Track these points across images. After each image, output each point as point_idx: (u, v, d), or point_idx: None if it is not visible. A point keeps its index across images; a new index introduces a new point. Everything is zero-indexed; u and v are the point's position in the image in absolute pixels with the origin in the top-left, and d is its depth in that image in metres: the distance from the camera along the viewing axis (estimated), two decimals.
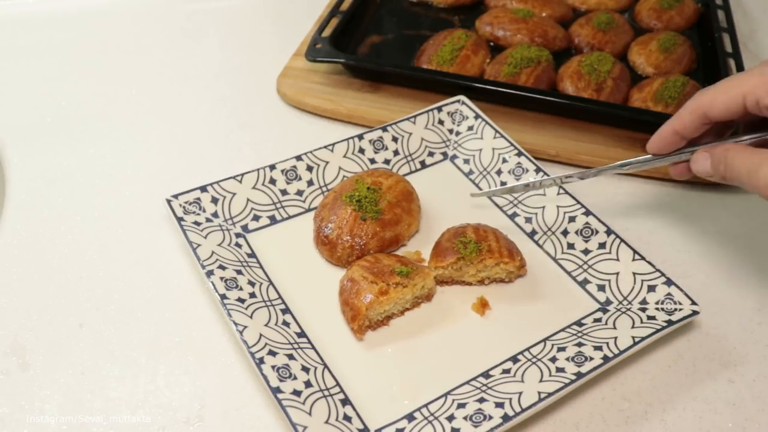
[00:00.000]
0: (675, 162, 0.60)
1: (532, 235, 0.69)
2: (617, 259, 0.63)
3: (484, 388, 0.55)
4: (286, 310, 0.60)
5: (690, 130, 0.56)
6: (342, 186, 0.68)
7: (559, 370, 0.55)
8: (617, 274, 0.63)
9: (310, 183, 0.71)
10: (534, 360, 0.57)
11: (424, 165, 0.76)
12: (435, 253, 0.64)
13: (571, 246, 0.66)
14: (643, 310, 0.60)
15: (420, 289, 0.61)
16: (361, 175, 0.69)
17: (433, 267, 0.63)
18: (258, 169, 0.69)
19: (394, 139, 0.75)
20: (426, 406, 0.54)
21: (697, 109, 0.54)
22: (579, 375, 0.54)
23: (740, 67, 0.84)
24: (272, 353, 0.54)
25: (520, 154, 0.72)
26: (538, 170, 0.71)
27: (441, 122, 0.77)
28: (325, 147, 0.72)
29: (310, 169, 0.71)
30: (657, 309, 0.59)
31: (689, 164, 0.58)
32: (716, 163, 0.54)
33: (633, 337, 0.56)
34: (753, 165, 0.50)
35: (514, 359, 0.57)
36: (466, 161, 0.76)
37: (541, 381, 0.54)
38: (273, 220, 0.69)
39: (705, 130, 0.57)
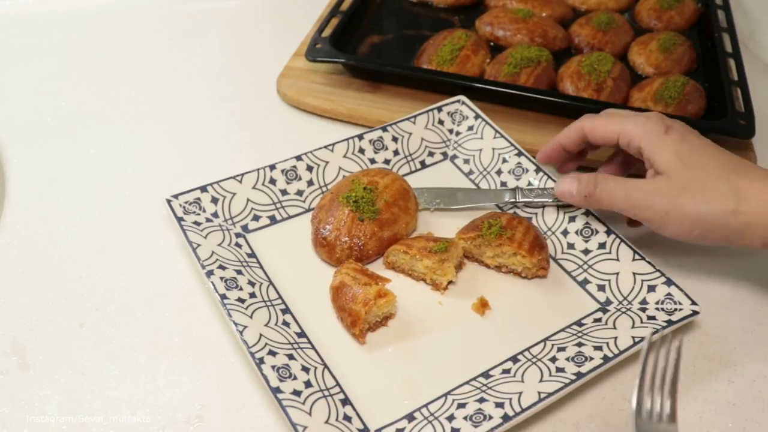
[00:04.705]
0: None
1: None
2: (617, 259, 0.63)
3: (484, 388, 0.55)
4: (286, 310, 0.60)
5: (572, 145, 0.66)
6: (338, 187, 0.68)
7: (559, 370, 0.55)
8: (617, 274, 0.63)
9: (310, 183, 0.71)
10: (534, 360, 0.57)
11: (424, 165, 0.76)
12: (465, 226, 0.67)
13: (571, 246, 0.66)
14: (643, 310, 0.60)
15: (456, 258, 0.63)
16: (356, 174, 0.69)
17: (457, 238, 0.65)
18: (258, 169, 0.69)
19: (394, 139, 0.75)
20: (426, 406, 0.54)
21: (580, 129, 0.65)
22: (579, 375, 0.54)
23: (740, 67, 0.84)
24: (272, 353, 0.54)
25: (520, 154, 0.72)
26: (538, 170, 0.71)
27: (441, 122, 0.77)
28: (325, 147, 0.72)
29: (310, 169, 0.71)
30: (657, 309, 0.59)
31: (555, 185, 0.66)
32: (586, 185, 0.62)
33: (633, 337, 0.56)
34: (625, 188, 0.60)
35: (514, 359, 0.57)
36: (466, 161, 0.76)
37: (541, 381, 0.54)
38: (273, 220, 0.69)
39: (580, 149, 0.68)
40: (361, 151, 0.73)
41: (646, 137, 0.60)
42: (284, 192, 0.70)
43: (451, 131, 0.77)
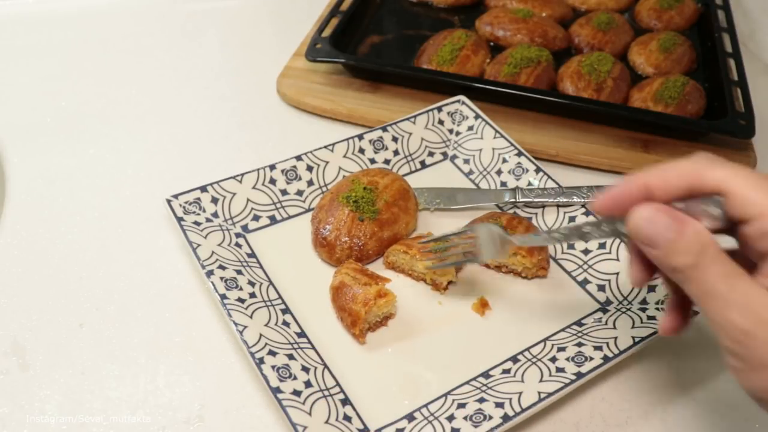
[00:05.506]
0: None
1: None
2: (617, 259, 0.63)
3: (484, 388, 0.55)
4: (286, 310, 0.60)
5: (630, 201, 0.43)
6: (338, 187, 0.68)
7: (559, 370, 0.55)
8: (617, 274, 0.63)
9: (310, 183, 0.71)
10: (534, 360, 0.57)
11: (424, 165, 0.76)
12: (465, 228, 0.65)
13: (571, 246, 0.66)
14: (643, 310, 0.60)
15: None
16: (356, 174, 0.69)
17: None
18: (258, 169, 0.69)
19: (394, 139, 0.75)
20: (426, 406, 0.54)
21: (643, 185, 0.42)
22: (579, 375, 0.54)
23: (740, 67, 0.84)
24: (272, 353, 0.54)
25: (520, 154, 0.72)
26: (538, 170, 0.71)
27: (441, 122, 0.77)
28: (325, 147, 0.72)
29: (310, 169, 0.71)
30: (657, 309, 0.59)
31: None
32: (686, 249, 0.39)
33: (633, 337, 0.56)
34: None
35: (514, 359, 0.57)
36: (466, 161, 0.76)
37: (541, 381, 0.54)
38: (273, 220, 0.69)
39: None
40: (361, 151, 0.73)
41: (740, 177, 0.39)
42: (284, 192, 0.70)
43: (451, 131, 0.77)
